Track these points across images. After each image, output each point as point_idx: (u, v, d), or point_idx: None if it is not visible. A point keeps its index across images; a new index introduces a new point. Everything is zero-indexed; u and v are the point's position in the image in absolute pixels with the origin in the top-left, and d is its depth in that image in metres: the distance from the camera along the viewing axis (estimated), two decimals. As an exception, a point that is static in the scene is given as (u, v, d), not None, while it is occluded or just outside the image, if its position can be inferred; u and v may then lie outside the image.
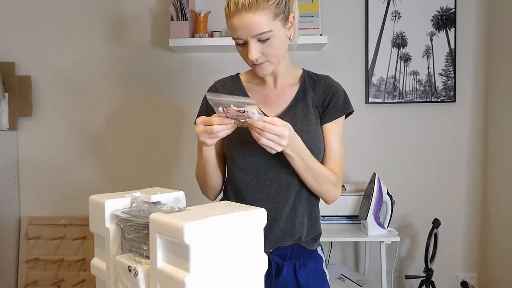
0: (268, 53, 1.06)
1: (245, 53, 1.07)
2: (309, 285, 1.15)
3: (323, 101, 1.16)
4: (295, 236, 1.13)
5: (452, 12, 2.23)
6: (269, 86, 1.19)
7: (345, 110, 1.18)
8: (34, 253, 2.28)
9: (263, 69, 1.09)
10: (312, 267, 1.17)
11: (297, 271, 1.14)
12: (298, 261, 1.14)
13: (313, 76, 1.21)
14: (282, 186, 1.12)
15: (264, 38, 1.03)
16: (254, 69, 1.11)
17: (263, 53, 1.06)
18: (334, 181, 1.12)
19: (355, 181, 2.26)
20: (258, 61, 1.06)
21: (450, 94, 2.25)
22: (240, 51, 1.09)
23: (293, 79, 1.20)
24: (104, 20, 2.30)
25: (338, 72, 2.27)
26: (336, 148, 1.16)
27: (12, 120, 2.27)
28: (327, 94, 1.17)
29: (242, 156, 1.13)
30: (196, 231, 0.63)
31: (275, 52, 1.07)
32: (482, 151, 2.29)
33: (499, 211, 2.15)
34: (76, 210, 2.30)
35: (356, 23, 2.27)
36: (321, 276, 1.19)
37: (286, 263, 1.13)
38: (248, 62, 1.10)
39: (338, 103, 1.16)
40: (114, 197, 0.82)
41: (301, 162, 1.05)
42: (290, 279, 1.13)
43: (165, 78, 2.29)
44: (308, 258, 1.17)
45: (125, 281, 0.74)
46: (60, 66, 2.32)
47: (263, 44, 1.04)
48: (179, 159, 2.30)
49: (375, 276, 2.26)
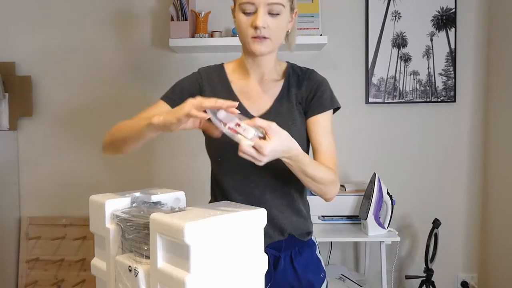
0: (273, 29, 1.04)
1: (249, 23, 1.04)
2: (306, 273, 1.16)
3: (306, 97, 1.14)
4: (285, 234, 1.14)
5: (452, 12, 2.23)
6: (253, 81, 1.16)
7: (331, 105, 1.14)
8: (34, 253, 2.28)
9: (262, 45, 1.05)
10: (308, 254, 1.18)
11: (293, 260, 1.15)
12: (294, 250, 1.15)
13: (297, 71, 1.18)
14: (267, 188, 1.11)
15: (275, 11, 1.03)
16: (253, 44, 1.05)
17: (269, 26, 1.04)
18: (333, 179, 1.08)
19: (355, 181, 2.26)
20: (262, 33, 1.03)
21: (450, 94, 2.25)
22: (244, 21, 1.05)
23: (277, 74, 1.17)
24: (104, 20, 2.30)
25: (338, 72, 2.28)
26: (325, 141, 1.11)
27: (12, 120, 2.27)
28: (311, 89, 1.14)
29: (225, 158, 1.12)
30: (196, 231, 0.63)
31: (279, 31, 1.06)
32: (482, 151, 2.29)
33: (499, 211, 2.15)
34: (76, 210, 2.30)
35: (356, 23, 2.27)
36: (316, 263, 1.21)
37: (282, 254, 1.13)
38: (248, 33, 1.05)
39: (322, 97, 1.13)
40: (114, 197, 0.82)
41: (300, 171, 1.00)
42: (288, 269, 1.14)
43: (165, 78, 2.29)
44: (303, 246, 1.18)
45: (125, 281, 0.74)
46: (60, 66, 2.32)
47: (271, 18, 1.03)
48: (179, 159, 2.30)
49: (375, 276, 2.26)
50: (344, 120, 2.29)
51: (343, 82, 2.28)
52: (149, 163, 2.29)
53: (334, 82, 2.26)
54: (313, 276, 1.17)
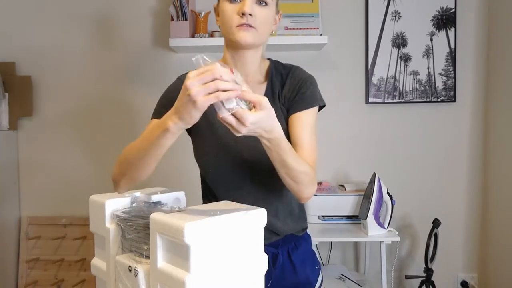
0: (260, 19, 1.00)
1: (235, 10, 1.00)
2: (304, 267, 1.17)
3: (290, 96, 1.08)
4: (281, 235, 1.14)
5: (452, 12, 2.23)
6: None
7: (314, 102, 1.07)
8: (34, 253, 2.28)
9: (247, 34, 1.00)
10: (304, 248, 1.19)
11: (291, 255, 1.15)
12: (291, 245, 1.16)
13: (280, 69, 1.13)
14: (259, 196, 1.10)
15: (263, 0, 1.00)
16: (237, 32, 1.00)
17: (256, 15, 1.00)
18: (312, 177, 1.00)
19: (355, 181, 2.26)
20: (249, 20, 0.98)
21: (450, 94, 2.25)
22: (229, 8, 1.00)
23: (261, 75, 1.12)
24: (104, 20, 2.30)
25: (338, 72, 2.28)
26: (307, 137, 1.04)
27: (12, 120, 2.27)
28: (294, 87, 1.08)
29: (218, 170, 1.10)
30: (196, 231, 0.63)
31: (265, 23, 1.02)
32: (482, 151, 2.28)
33: (499, 211, 2.15)
34: (76, 210, 2.30)
35: (356, 23, 2.27)
36: (312, 256, 1.22)
37: (280, 250, 1.14)
38: (233, 22, 1.00)
39: (305, 94, 1.07)
40: (114, 197, 0.82)
41: (278, 159, 0.92)
42: (286, 265, 1.15)
43: (165, 78, 2.28)
44: (299, 240, 1.19)
45: (125, 281, 0.74)
46: (60, 66, 2.32)
47: (259, 7, 1.00)
48: (179, 159, 2.30)
49: (375, 276, 2.26)
50: (344, 120, 2.29)
51: (343, 82, 2.28)
52: (149, 163, 2.28)
53: (334, 82, 2.29)
54: (310, 270, 1.19)
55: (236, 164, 1.08)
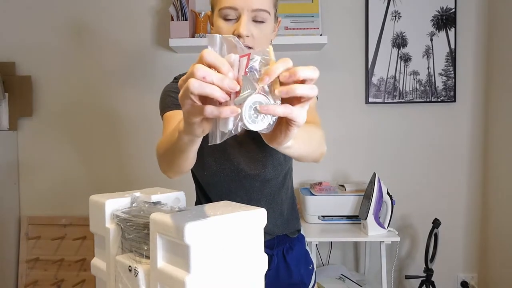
0: (257, 39, 0.94)
1: (230, 30, 0.92)
2: (298, 267, 1.18)
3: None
4: (274, 235, 1.15)
5: (452, 12, 2.23)
6: None
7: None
8: (34, 253, 2.28)
9: None
10: (298, 248, 1.20)
11: (285, 256, 1.16)
12: (285, 246, 1.17)
13: None
14: (252, 200, 1.12)
15: (260, 18, 0.93)
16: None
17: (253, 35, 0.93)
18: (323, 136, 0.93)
19: (355, 181, 2.26)
20: (246, 41, 0.92)
21: (450, 94, 2.25)
22: (224, 28, 0.93)
23: None
24: (104, 20, 2.30)
25: (338, 72, 2.28)
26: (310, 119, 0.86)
27: (12, 120, 2.27)
28: None
29: (212, 173, 1.10)
30: (196, 231, 0.63)
31: (263, 41, 0.95)
32: (482, 151, 2.28)
33: (499, 211, 2.15)
34: (76, 210, 2.30)
35: (356, 23, 2.27)
36: (306, 256, 1.23)
37: (275, 251, 1.15)
38: None
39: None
40: (114, 197, 0.82)
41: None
42: (281, 265, 1.16)
43: (165, 78, 2.28)
44: (293, 241, 1.20)
45: (125, 281, 0.74)
46: (60, 66, 2.32)
47: (255, 26, 0.94)
48: (179, 159, 2.30)
49: (375, 276, 2.26)
50: (344, 120, 2.29)
51: (343, 82, 2.28)
52: (149, 163, 2.29)
53: (334, 82, 2.29)
54: (304, 270, 1.20)
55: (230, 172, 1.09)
